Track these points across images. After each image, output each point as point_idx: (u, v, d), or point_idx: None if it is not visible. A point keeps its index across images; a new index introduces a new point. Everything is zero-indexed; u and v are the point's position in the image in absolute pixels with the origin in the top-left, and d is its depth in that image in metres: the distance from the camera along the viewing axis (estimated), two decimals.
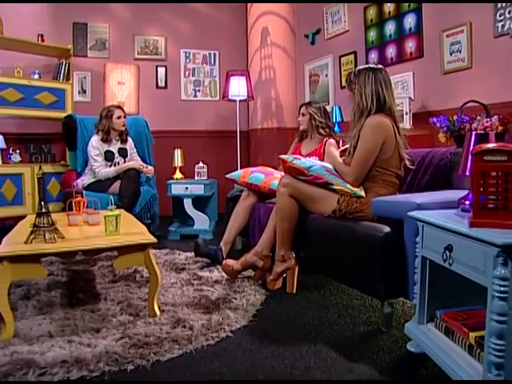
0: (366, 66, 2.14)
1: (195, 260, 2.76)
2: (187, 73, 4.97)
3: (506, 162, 1.12)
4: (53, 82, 4.01)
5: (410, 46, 3.44)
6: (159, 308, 1.87)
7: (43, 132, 4.24)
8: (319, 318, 1.88)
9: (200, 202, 3.84)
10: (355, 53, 3.99)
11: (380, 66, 2.13)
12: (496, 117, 2.47)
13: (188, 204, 3.71)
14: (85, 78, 4.53)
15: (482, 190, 1.16)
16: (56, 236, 1.71)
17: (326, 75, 4.40)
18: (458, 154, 2.15)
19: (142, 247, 1.78)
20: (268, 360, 1.50)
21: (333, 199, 2.04)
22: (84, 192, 3.17)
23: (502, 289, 1.06)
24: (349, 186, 2.04)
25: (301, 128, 3.01)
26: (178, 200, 3.80)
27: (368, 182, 2.06)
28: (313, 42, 4.52)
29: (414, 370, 1.44)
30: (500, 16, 2.80)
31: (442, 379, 1.32)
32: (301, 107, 3.04)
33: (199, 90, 5.02)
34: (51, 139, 4.24)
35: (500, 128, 2.46)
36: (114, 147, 3.49)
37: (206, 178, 3.85)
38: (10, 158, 3.82)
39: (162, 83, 4.87)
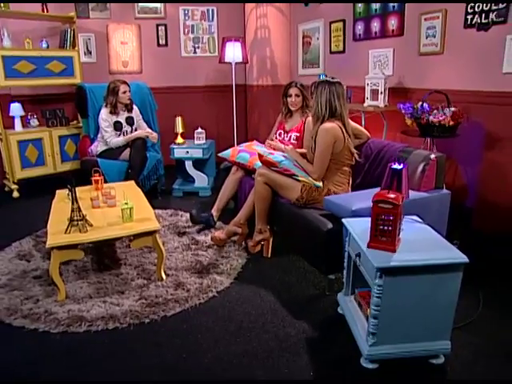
0: (325, 79, 2.57)
1: None
2: (186, 30, 5.15)
3: (391, 210, 1.65)
4: (60, 50, 4.31)
5: (393, 23, 3.65)
6: (165, 273, 2.54)
7: (55, 93, 4.64)
8: (283, 280, 2.55)
9: (199, 163, 4.37)
10: (344, 21, 4.16)
11: (336, 80, 2.56)
12: (452, 111, 2.88)
13: (189, 165, 4.25)
14: (89, 39, 4.78)
15: (376, 225, 1.71)
16: (87, 225, 2.33)
17: (318, 38, 4.60)
18: (406, 151, 2.59)
19: (150, 232, 2.40)
20: (239, 316, 2.19)
21: (297, 188, 2.60)
22: (98, 160, 3.72)
23: (378, 292, 1.67)
24: (310, 178, 2.60)
25: (295, 108, 3.14)
26: (180, 161, 4.33)
27: (325, 172, 2.61)
28: (306, 4, 4.62)
29: (337, 328, 2.08)
30: (470, 9, 3.01)
31: (353, 340, 1.98)
32: (289, 87, 3.14)
33: (198, 47, 5.24)
34: (62, 99, 4.65)
35: (451, 122, 2.89)
36: (122, 117, 3.94)
37: (204, 141, 4.32)
38: (29, 123, 4.31)
39: (162, 41, 5.09)
